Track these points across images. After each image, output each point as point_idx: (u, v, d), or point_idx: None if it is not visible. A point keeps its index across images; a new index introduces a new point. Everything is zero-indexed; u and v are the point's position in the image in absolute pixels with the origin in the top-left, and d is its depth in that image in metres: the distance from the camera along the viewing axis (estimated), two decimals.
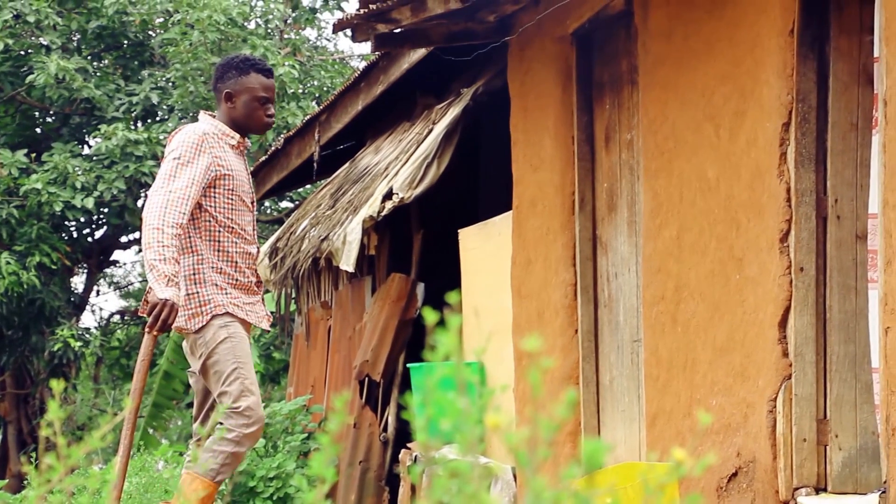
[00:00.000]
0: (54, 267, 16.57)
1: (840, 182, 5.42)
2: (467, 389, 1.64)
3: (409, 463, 8.59)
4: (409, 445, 8.89)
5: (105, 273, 21.80)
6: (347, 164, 11.12)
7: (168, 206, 5.13)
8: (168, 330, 5.17)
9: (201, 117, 5.44)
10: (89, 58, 17.76)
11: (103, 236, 19.13)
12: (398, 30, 7.67)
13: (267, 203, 19.52)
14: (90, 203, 16.18)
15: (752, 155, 5.62)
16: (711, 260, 5.90)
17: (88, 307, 20.58)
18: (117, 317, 21.85)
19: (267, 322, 5.56)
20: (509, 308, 7.81)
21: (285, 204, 19.42)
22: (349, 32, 7.69)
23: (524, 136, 7.69)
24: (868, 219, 5.24)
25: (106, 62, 18.05)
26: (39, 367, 17.76)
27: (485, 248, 8.44)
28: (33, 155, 16.76)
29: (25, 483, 14.89)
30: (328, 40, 20.08)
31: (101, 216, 18.00)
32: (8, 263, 15.60)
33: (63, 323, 17.17)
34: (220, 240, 5.32)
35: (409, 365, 9.05)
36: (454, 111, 9.14)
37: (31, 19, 16.69)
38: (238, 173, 5.36)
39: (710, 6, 5.92)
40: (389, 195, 9.08)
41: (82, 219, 17.51)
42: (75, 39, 17.90)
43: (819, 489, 5.40)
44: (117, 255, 21.00)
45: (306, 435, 9.98)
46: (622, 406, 6.95)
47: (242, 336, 5.35)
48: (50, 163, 16.17)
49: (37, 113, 17.91)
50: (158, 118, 17.77)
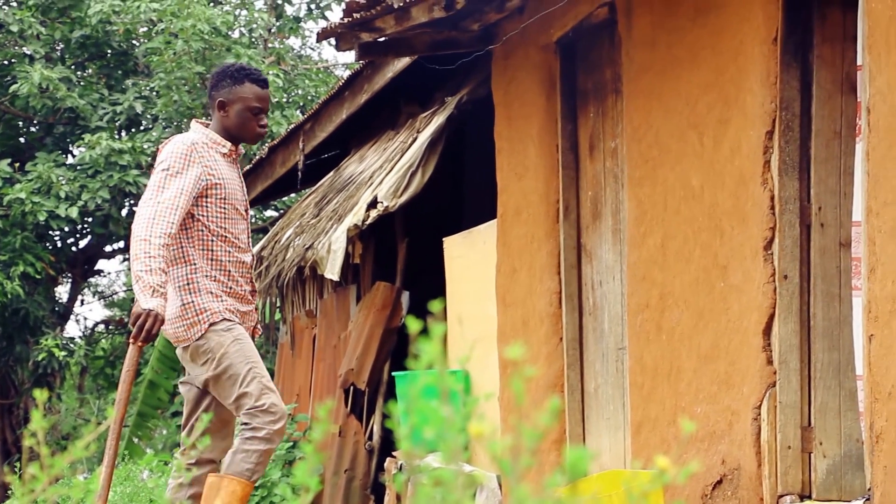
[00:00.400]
0: (38, 276, 16.53)
1: (824, 190, 5.44)
2: (451, 398, 1.64)
3: (395, 471, 8.58)
4: (395, 454, 8.88)
5: (89, 282, 21.74)
6: (332, 173, 11.11)
7: (156, 218, 5.12)
8: (152, 340, 5.15)
9: (192, 126, 5.43)
10: (73, 67, 17.73)
11: (87, 246, 19.09)
12: (382, 38, 7.67)
13: (252, 212, 19.50)
14: (74, 212, 16.14)
15: (736, 163, 5.63)
16: (696, 268, 5.91)
17: (73, 317, 20.52)
18: (102, 326, 21.79)
19: (257, 333, 5.54)
20: (494, 316, 7.81)
21: (270, 213, 19.40)
22: (333, 41, 7.69)
23: (508, 145, 7.70)
24: (852, 226, 5.25)
25: (90, 71, 18.02)
26: (23, 377, 17.71)
27: (470, 257, 8.44)
28: (17, 164, 16.72)
29: (9, 493, 14.85)
30: (312, 49, 20.08)
31: (86, 225, 17.96)
32: None
33: (47, 332, 17.12)
34: (213, 249, 5.31)
35: (395, 373, 9.04)
36: (438, 120, 9.15)
37: (15, 29, 16.66)
38: (230, 182, 5.34)
39: (694, 14, 5.93)
40: (374, 204, 9.07)
41: (66, 228, 17.47)
42: (59, 49, 17.88)
43: (804, 496, 5.41)
44: (102, 265, 20.95)
45: (291, 444, 9.96)
46: (607, 414, 6.96)
47: (247, 336, 5.34)
48: (34, 172, 16.13)
49: (20, 122, 17.87)
50: (142, 127, 17.75)
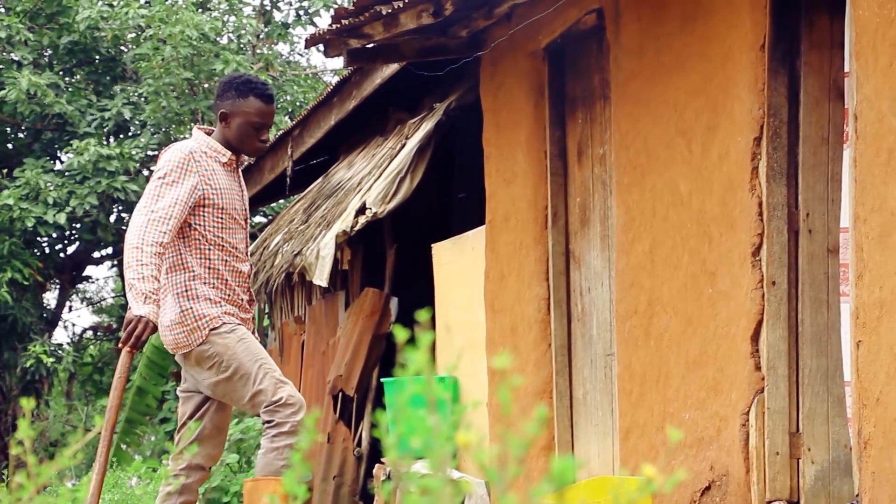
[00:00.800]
0: (26, 283, 16.50)
1: (811, 196, 5.44)
2: (438, 406, 1.64)
3: (383, 478, 8.58)
4: (383, 460, 8.88)
5: (77, 289, 21.71)
6: (320, 179, 11.11)
7: (148, 226, 5.12)
8: (142, 346, 5.14)
9: (194, 132, 5.41)
10: (61, 73, 17.71)
11: (75, 252, 19.06)
12: (370, 45, 7.67)
13: None
14: (62, 219, 16.12)
15: (724, 169, 5.64)
16: (684, 274, 5.91)
17: (61, 323, 20.48)
18: (90, 332, 21.75)
19: None
20: (483, 322, 7.81)
21: (258, 219, 19.38)
22: (322, 47, 7.69)
23: (497, 151, 7.70)
24: (839, 233, 5.26)
25: (78, 77, 18.01)
26: (11, 384, 17.67)
27: (458, 263, 8.44)
28: (5, 171, 16.70)
29: None
30: (301, 55, 20.08)
31: (74, 232, 17.94)
32: None
33: (35, 339, 17.09)
34: (211, 257, 5.29)
35: (383, 380, 9.04)
36: (427, 126, 9.15)
37: (3, 35, 16.64)
38: (227, 192, 5.31)
39: (682, 21, 5.94)
40: (363, 210, 9.07)
41: (54, 234, 17.45)
42: (47, 55, 17.85)
43: (792, 502, 5.42)
44: (90, 271, 20.94)
45: None
46: (596, 420, 6.96)
47: (250, 335, 5.33)
48: (22, 178, 16.11)
49: (8, 129, 17.84)
50: (131, 133, 17.73)
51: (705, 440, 5.71)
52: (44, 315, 18.68)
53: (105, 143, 16.94)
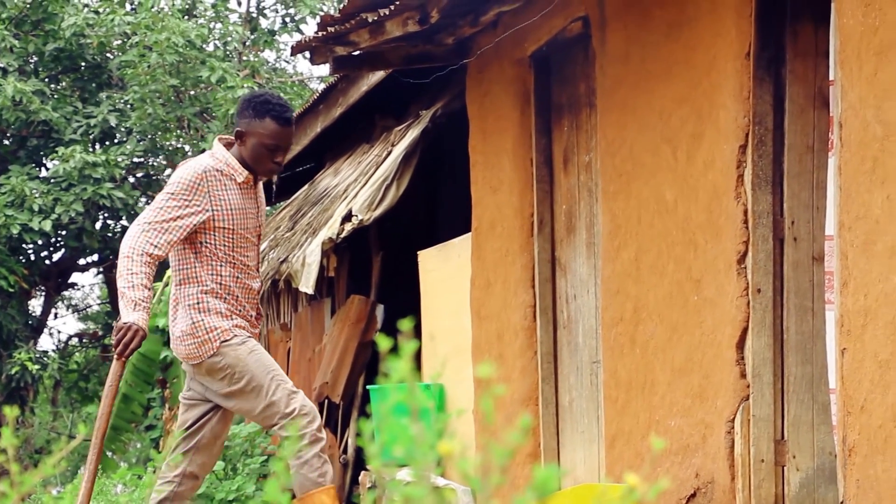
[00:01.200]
0: (12, 290, 16.47)
1: (797, 204, 5.45)
2: (422, 414, 1.64)
3: (369, 485, 8.57)
4: (369, 468, 8.87)
5: (63, 296, 21.67)
6: (306, 186, 11.11)
7: (140, 236, 5.13)
8: (131, 354, 5.14)
9: (214, 145, 5.37)
10: (47, 80, 17.69)
11: (61, 259, 19.03)
12: (356, 52, 7.68)
13: None
14: (48, 226, 16.09)
15: (710, 177, 5.65)
16: (669, 281, 5.92)
17: (46, 330, 20.45)
18: (75, 339, 21.71)
19: None
20: (469, 329, 7.81)
21: None
22: (308, 55, 7.69)
23: (483, 158, 7.71)
24: (824, 240, 5.27)
25: (63, 84, 17.99)
26: None
27: (444, 270, 8.44)
28: None
29: None
30: (287, 62, 20.08)
31: (59, 239, 17.90)
32: None
33: (20, 346, 17.05)
34: (222, 273, 5.29)
35: (369, 387, 9.03)
36: (413, 133, 9.15)
37: None
38: (238, 212, 5.28)
39: (667, 29, 5.95)
40: (349, 217, 9.07)
41: (40, 241, 17.41)
42: (32, 62, 17.83)
43: None
44: (75, 278, 20.88)
45: (266, 457, 9.93)
46: (581, 427, 6.96)
47: (261, 346, 5.33)
48: (7, 185, 16.07)
49: None
50: (116, 140, 17.71)
51: (691, 447, 5.72)
52: (29, 322, 18.64)
53: (91, 150, 16.92)
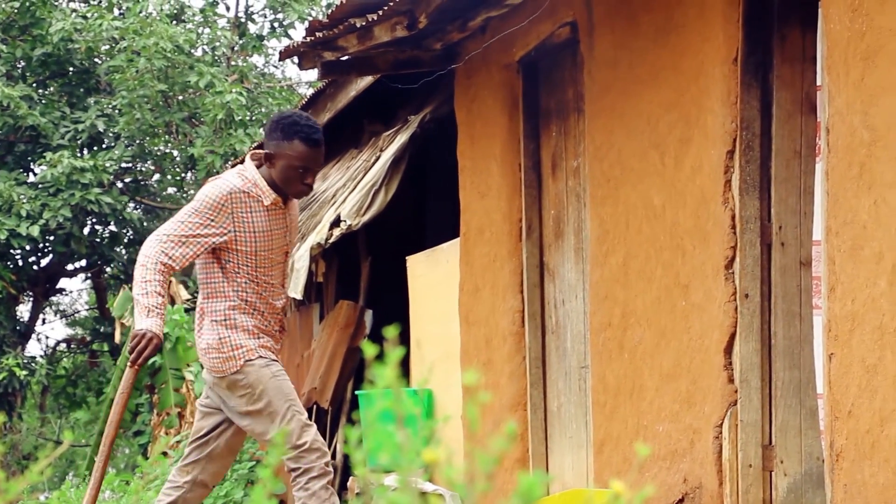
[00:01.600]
0: (0, 295, 16.43)
1: (784, 209, 5.46)
2: (408, 421, 1.64)
3: (357, 491, 8.57)
4: (355, 474, 8.86)
5: (51, 301, 21.63)
6: None
7: (156, 245, 5.13)
8: (146, 362, 5.13)
9: (246, 164, 5.30)
10: (34, 85, 17.66)
11: (49, 264, 18.99)
12: (345, 57, 7.67)
13: None
14: (35, 231, 16.06)
15: (698, 182, 5.66)
16: (657, 287, 5.92)
17: (34, 335, 20.40)
18: (63, 345, 21.67)
19: None
20: (457, 335, 7.82)
21: None
22: (296, 60, 7.69)
23: (471, 164, 7.71)
24: (812, 245, 5.28)
25: (51, 89, 17.96)
26: None
27: (433, 275, 8.44)
28: None
29: None
30: (276, 67, 20.08)
31: (47, 244, 17.87)
32: None
33: (8, 352, 17.01)
34: (246, 290, 5.28)
35: (358, 392, 9.03)
36: (402, 138, 9.15)
37: None
38: (263, 234, 5.24)
39: (655, 35, 5.96)
40: (337, 222, 9.07)
41: (27, 247, 17.38)
42: (20, 67, 17.80)
43: None
44: (63, 283, 20.85)
45: (254, 462, 9.92)
46: (570, 432, 6.96)
47: (284, 373, 5.31)
48: None
49: None
50: (105, 145, 17.69)
51: (679, 452, 5.72)
52: (17, 328, 18.61)
53: (79, 156, 16.90)
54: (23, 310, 19.85)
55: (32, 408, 21.30)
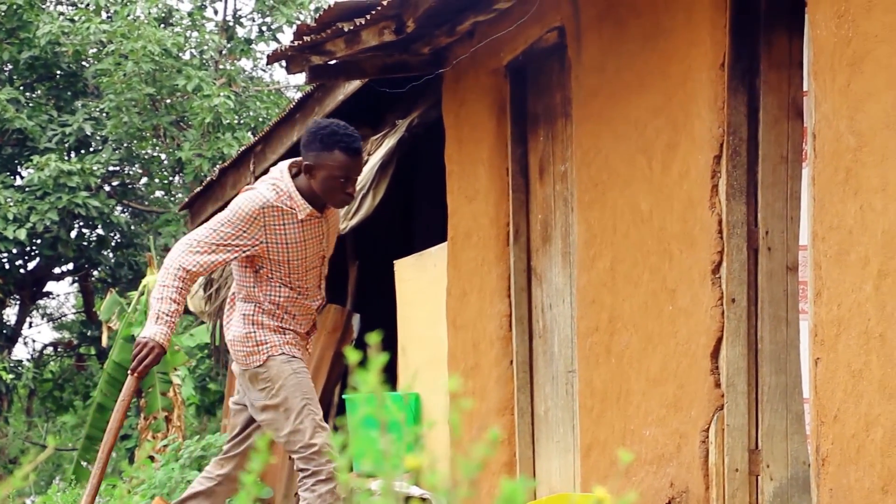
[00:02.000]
0: None
1: (771, 214, 5.47)
2: (392, 426, 1.65)
3: (343, 495, 8.56)
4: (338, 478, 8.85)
5: (38, 305, 21.59)
6: None
7: (183, 251, 5.12)
8: (147, 371, 5.12)
9: (282, 174, 5.26)
10: (22, 88, 17.63)
11: (36, 268, 18.97)
12: (333, 61, 7.68)
13: None
14: (22, 234, 16.03)
15: (685, 187, 5.67)
16: (644, 291, 5.93)
17: (21, 339, 20.36)
18: (50, 349, 21.63)
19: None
20: (445, 339, 7.82)
21: None
22: (284, 64, 7.69)
23: (459, 168, 7.72)
24: (798, 250, 5.29)
25: (38, 93, 17.94)
26: None
27: (420, 279, 8.44)
28: None
29: None
30: (264, 71, 20.07)
31: (34, 247, 17.85)
32: None
33: None
34: (280, 294, 5.29)
35: (345, 396, 9.02)
36: (389, 142, 9.15)
37: None
38: (296, 244, 5.23)
39: (643, 40, 5.97)
40: None
41: (14, 250, 17.35)
42: (7, 70, 17.77)
43: None
44: (50, 287, 20.81)
45: None
46: (557, 437, 6.97)
47: (306, 371, 5.31)
48: None
49: None
50: (92, 149, 17.67)
51: (665, 457, 5.73)
52: (3, 331, 18.58)
53: (66, 159, 16.87)
54: (9, 313, 19.82)
55: (19, 412, 21.26)
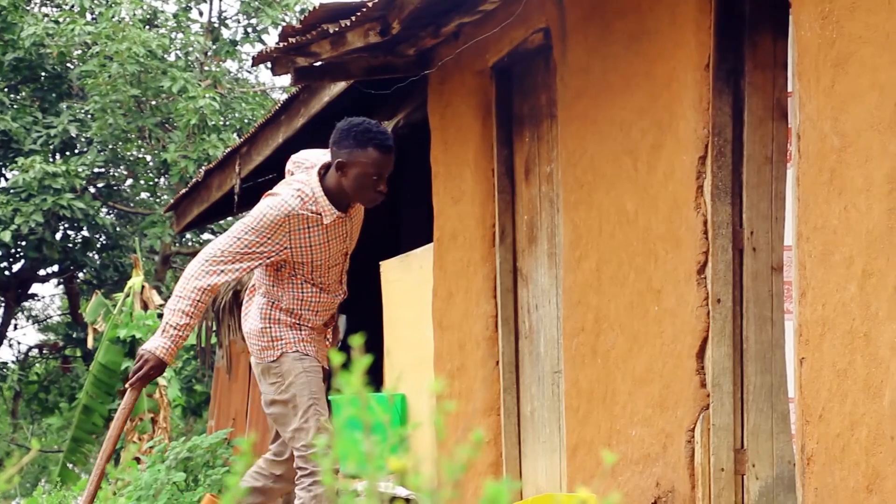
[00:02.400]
0: None
1: (756, 214, 5.49)
2: (375, 428, 1.65)
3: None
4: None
5: (23, 306, 21.54)
6: None
7: (207, 263, 5.06)
8: (144, 384, 5.10)
9: (309, 178, 5.22)
10: (6, 90, 17.59)
11: (21, 270, 18.92)
12: (318, 63, 7.67)
13: (188, 235, 19.41)
14: (7, 236, 16.00)
15: (670, 188, 5.68)
16: (630, 291, 5.94)
17: (6, 341, 20.31)
18: (35, 351, 21.58)
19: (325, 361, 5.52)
20: (431, 340, 7.82)
21: (206, 236, 19.32)
22: (269, 65, 7.68)
23: (445, 169, 7.72)
24: (783, 251, 5.30)
25: (23, 94, 17.90)
26: None
27: (406, 280, 8.45)
28: None
29: None
30: (249, 72, 20.06)
31: (19, 249, 17.81)
32: None
33: None
34: (303, 290, 5.28)
35: (331, 397, 9.02)
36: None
37: None
38: (320, 246, 5.20)
39: (628, 41, 5.98)
40: None
41: None
42: None
43: None
44: (35, 289, 20.77)
45: (227, 468, 9.90)
46: (543, 437, 6.98)
47: (317, 370, 5.31)
48: None
49: None
50: (77, 150, 17.64)
51: (651, 456, 5.74)
52: None
53: (51, 161, 16.84)
54: None
55: (4, 413, 21.21)
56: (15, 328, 21.11)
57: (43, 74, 17.69)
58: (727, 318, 5.47)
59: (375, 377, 8.01)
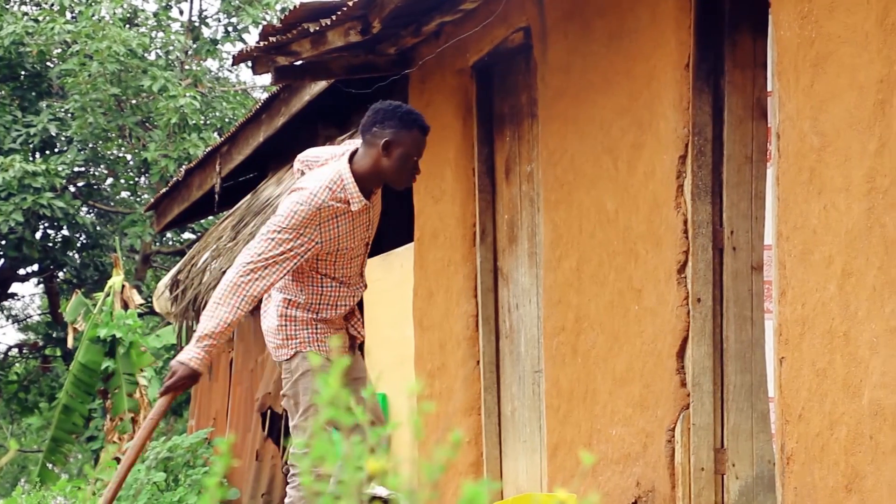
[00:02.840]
0: None
1: (736, 214, 5.50)
2: (355, 428, 1.65)
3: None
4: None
5: (3, 306, 21.47)
6: (249, 196, 11.06)
7: (246, 269, 5.03)
8: (179, 393, 5.11)
9: (342, 168, 5.19)
10: None
11: (0, 269, 18.85)
12: (298, 62, 7.66)
13: (168, 234, 19.37)
14: None
15: (650, 187, 5.69)
16: (610, 291, 5.95)
17: None
18: (15, 350, 21.51)
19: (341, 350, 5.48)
20: (412, 339, 7.82)
21: (187, 235, 19.28)
22: (249, 64, 7.67)
23: (425, 168, 7.69)
24: (763, 250, 5.31)
25: (3, 93, 17.83)
26: None
27: (387, 280, 8.44)
28: None
29: None
30: (230, 71, 20.02)
31: None
32: None
33: None
34: (323, 285, 5.27)
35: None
36: (356, 142, 9.13)
37: None
38: (346, 235, 5.19)
39: (608, 41, 5.99)
40: None
41: None
42: None
43: None
44: (15, 288, 20.70)
45: (207, 468, 9.88)
46: (524, 437, 6.98)
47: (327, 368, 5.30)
48: None
49: None
50: (57, 149, 17.59)
51: (632, 456, 5.74)
52: None
53: (31, 160, 16.78)
54: None
55: None
56: None
57: (22, 73, 17.63)
58: (707, 318, 5.48)
59: None
